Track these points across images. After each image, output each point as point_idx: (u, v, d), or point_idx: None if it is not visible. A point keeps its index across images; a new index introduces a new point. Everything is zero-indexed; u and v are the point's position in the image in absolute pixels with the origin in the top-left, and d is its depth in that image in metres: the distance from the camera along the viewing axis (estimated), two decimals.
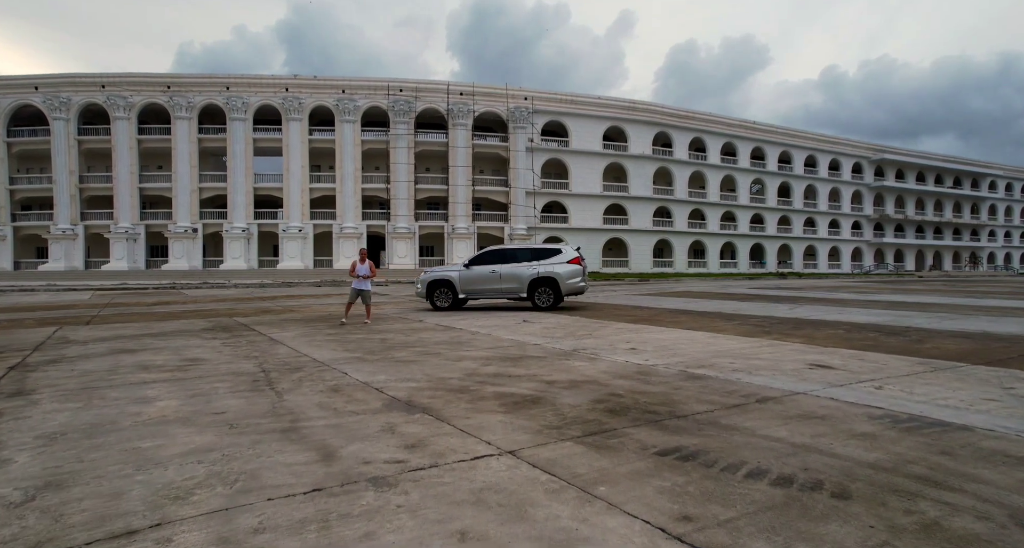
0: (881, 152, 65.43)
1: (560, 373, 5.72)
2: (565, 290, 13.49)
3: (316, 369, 6.01)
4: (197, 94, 42.03)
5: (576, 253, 13.88)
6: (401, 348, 7.54)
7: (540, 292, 13.49)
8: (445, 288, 13.77)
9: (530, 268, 13.52)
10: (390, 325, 10.48)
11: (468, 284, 13.69)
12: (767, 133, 58.25)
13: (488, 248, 14.33)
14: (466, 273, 13.75)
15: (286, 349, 7.48)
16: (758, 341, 7.94)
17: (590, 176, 49.52)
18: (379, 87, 44.28)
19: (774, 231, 58.89)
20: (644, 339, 8.22)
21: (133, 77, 41.45)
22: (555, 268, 13.47)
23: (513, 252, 14.06)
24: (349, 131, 44.18)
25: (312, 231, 44.19)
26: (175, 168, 42.06)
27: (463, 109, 45.38)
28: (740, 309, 13.34)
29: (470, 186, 46.06)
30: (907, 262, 68.17)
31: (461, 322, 10.92)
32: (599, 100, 49.85)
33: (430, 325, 10.40)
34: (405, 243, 44.72)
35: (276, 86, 43.01)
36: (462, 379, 5.46)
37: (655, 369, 5.88)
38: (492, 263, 13.77)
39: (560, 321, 10.91)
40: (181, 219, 42.18)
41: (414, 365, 6.24)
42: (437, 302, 13.77)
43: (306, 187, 44.06)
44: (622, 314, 12.36)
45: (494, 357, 6.75)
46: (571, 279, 13.53)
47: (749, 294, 19.80)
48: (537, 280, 13.44)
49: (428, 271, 14.22)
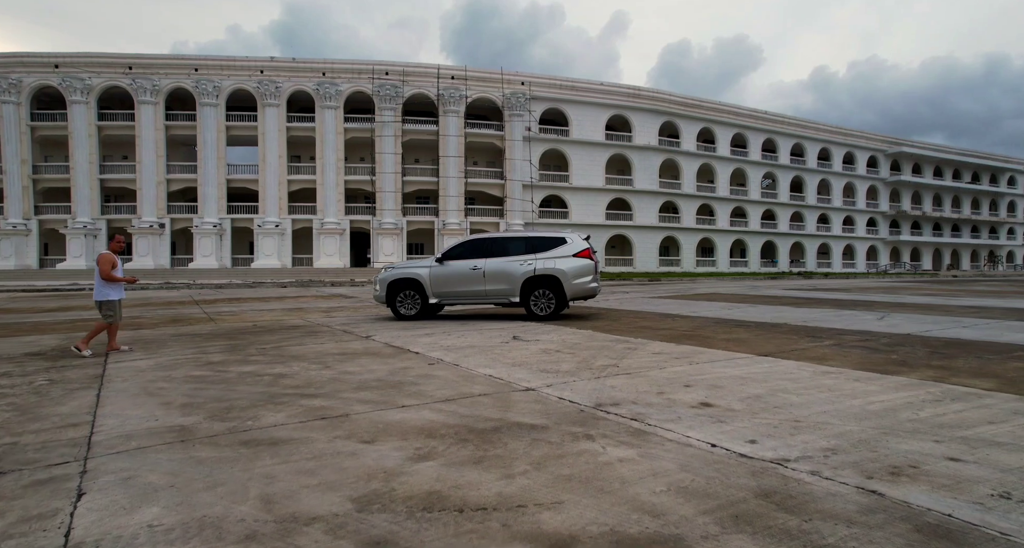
0: (898, 145, 62.15)
1: (582, 495, 2.38)
2: (571, 293, 10.10)
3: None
4: (163, 76, 38.49)
5: (586, 243, 10.51)
6: (288, 401, 4.18)
7: (537, 296, 10.11)
8: (411, 290, 10.39)
9: (524, 263, 10.13)
10: (317, 345, 7.11)
11: (442, 285, 10.31)
12: (779, 124, 54.91)
13: (469, 237, 10.85)
14: (439, 270, 10.35)
15: (73, 404, 4.12)
16: (914, 382, 4.59)
17: (592, 168, 46.16)
18: (363, 70, 40.85)
19: (786, 228, 55.55)
20: (712, 377, 4.87)
21: (91, 57, 37.82)
22: (557, 263, 10.07)
23: (502, 242, 10.63)
24: (331, 118, 40.74)
25: (290, 227, 40.72)
26: (140, 158, 38.51)
27: (455, 95, 41.98)
28: (809, 319, 9.97)
29: (462, 178, 42.67)
30: (924, 261, 64.92)
31: (424, 339, 7.56)
32: (601, 86, 46.48)
33: (375, 346, 7.02)
34: (392, 240, 41.31)
35: (250, 69, 39.52)
36: (332, 534, 2.10)
37: (794, 479, 2.55)
38: (474, 257, 10.39)
39: (567, 338, 7.57)
40: (146, 213, 38.67)
41: (263, 460, 2.88)
42: (401, 309, 10.39)
43: (284, 179, 40.62)
44: (651, 326, 9.00)
45: (446, 429, 3.42)
46: (579, 278, 10.14)
47: (795, 298, 16.41)
48: (533, 279, 10.06)
49: (390, 268, 10.83)
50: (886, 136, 62.66)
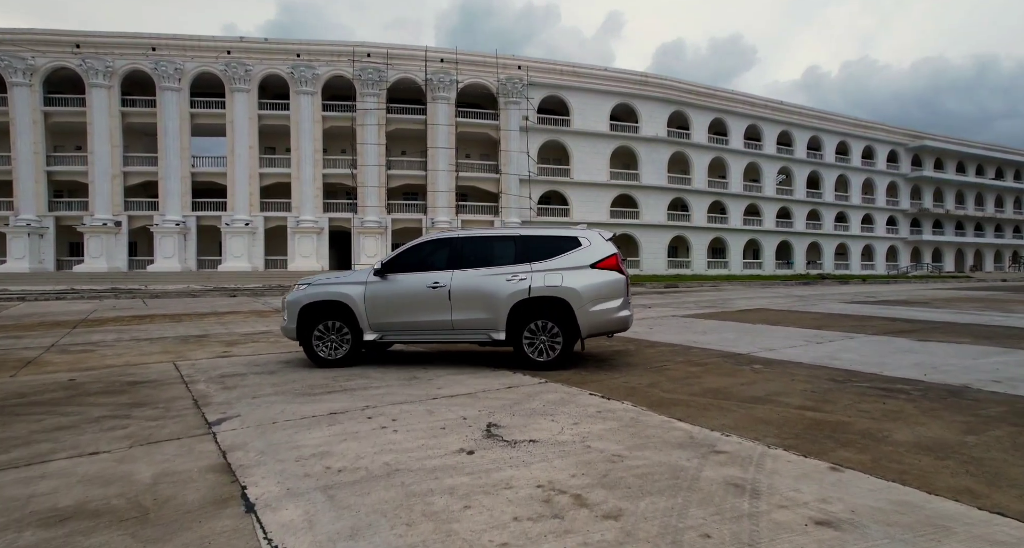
0: (919, 138, 58.42)
1: None
2: (588, 326, 6.20)
3: None
4: (118, 57, 34.52)
5: (610, 247, 6.59)
6: None
7: (535, 330, 6.21)
8: (336, 319, 6.56)
9: (514, 279, 6.23)
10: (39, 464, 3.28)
11: (384, 311, 6.44)
12: (795, 115, 51.14)
13: (429, 236, 6.95)
14: (380, 289, 6.49)
15: None
16: None
17: (595, 161, 42.36)
18: (343, 52, 36.94)
19: (803, 227, 51.80)
20: None
21: (33, 34, 33.68)
22: (567, 278, 6.18)
23: (481, 244, 6.67)
24: (307, 105, 36.84)
25: (263, 225, 36.81)
26: (92, 148, 34.50)
27: (445, 80, 38.12)
28: (999, 371, 6.20)
29: (453, 172, 38.84)
30: (945, 262, 61.22)
31: (311, 436, 3.60)
32: (606, 72, 42.68)
33: (181, 469, 3.16)
34: (375, 240, 37.45)
35: (216, 49, 35.56)
36: None
37: None
38: (436, 266, 6.54)
39: (591, 431, 3.69)
40: (100, 210, 34.70)
41: None
42: (320, 350, 6.55)
43: (255, 173, 36.71)
44: (729, 389, 5.12)
45: None
46: (602, 302, 6.23)
47: (887, 319, 12.58)
48: (528, 304, 6.19)
49: (306, 283, 6.93)
50: (907, 129, 58.99)
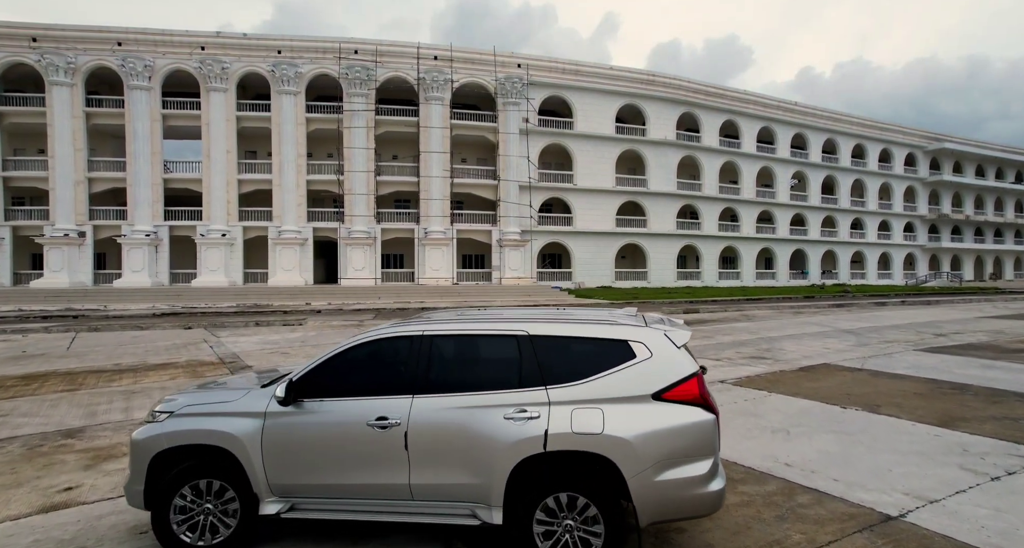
0: (939, 140, 55.86)
1: None
2: (653, 507, 3.18)
3: None
4: (81, 53, 31.82)
5: (686, 360, 3.51)
6: None
7: (554, 512, 3.20)
8: (215, 477, 3.65)
9: (520, 414, 3.28)
10: None
11: (294, 465, 3.52)
12: (810, 117, 48.58)
13: (376, 331, 3.91)
14: (286, 425, 3.57)
15: None
16: None
17: (600, 166, 39.70)
18: (328, 49, 34.24)
19: (817, 235, 49.20)
20: None
21: None
22: (612, 417, 3.19)
23: (466, 347, 3.76)
24: (290, 106, 34.12)
25: (241, 236, 34.10)
26: (53, 151, 31.79)
27: (439, 79, 35.42)
28: None
29: (448, 178, 36.14)
30: (965, 270, 58.62)
31: None
32: (611, 71, 40.04)
33: None
34: (363, 251, 34.74)
35: (190, 45, 32.86)
36: None
37: None
38: (382, 389, 3.60)
39: None
40: (62, 219, 31.97)
41: None
42: (182, 533, 3.59)
43: (233, 179, 33.99)
44: None
45: None
46: (677, 467, 3.20)
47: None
48: (542, 464, 3.23)
49: (166, 409, 3.92)
50: (926, 131, 56.48)
